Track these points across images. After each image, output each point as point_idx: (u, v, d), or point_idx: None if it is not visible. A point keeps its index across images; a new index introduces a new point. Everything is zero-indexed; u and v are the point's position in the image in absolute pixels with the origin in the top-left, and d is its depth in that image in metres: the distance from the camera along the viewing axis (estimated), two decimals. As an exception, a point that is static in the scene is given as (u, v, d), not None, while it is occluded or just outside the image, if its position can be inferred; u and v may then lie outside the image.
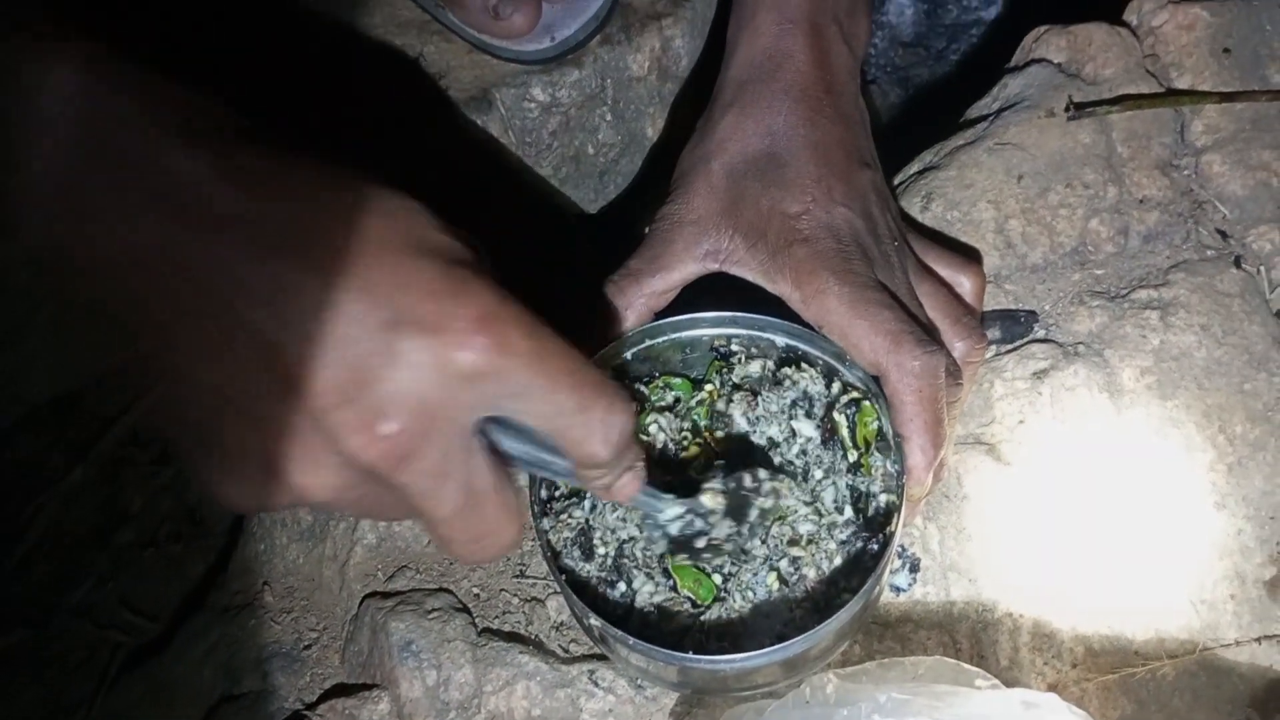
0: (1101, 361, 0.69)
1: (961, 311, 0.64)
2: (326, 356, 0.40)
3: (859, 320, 0.59)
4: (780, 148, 0.64)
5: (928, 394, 0.58)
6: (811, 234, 0.61)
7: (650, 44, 0.87)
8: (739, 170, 0.64)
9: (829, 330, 0.60)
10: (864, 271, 0.60)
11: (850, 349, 0.60)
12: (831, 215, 0.62)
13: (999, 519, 0.66)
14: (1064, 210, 0.74)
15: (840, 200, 0.62)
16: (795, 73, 0.65)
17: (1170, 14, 0.79)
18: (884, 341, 0.58)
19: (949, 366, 0.60)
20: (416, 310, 0.41)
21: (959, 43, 1.10)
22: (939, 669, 0.58)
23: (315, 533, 0.72)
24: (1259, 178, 0.74)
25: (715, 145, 0.65)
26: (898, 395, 0.58)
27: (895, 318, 0.59)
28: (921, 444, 0.58)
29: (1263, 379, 0.68)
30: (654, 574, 0.59)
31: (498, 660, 0.64)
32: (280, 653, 0.69)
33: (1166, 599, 0.65)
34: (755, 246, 0.62)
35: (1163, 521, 0.66)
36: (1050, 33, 0.80)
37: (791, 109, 0.64)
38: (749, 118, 0.65)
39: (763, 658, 0.54)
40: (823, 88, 0.65)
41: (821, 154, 0.63)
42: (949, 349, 0.62)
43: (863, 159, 0.66)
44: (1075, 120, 0.75)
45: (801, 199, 0.62)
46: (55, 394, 0.98)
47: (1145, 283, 0.72)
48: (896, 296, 0.60)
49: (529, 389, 0.43)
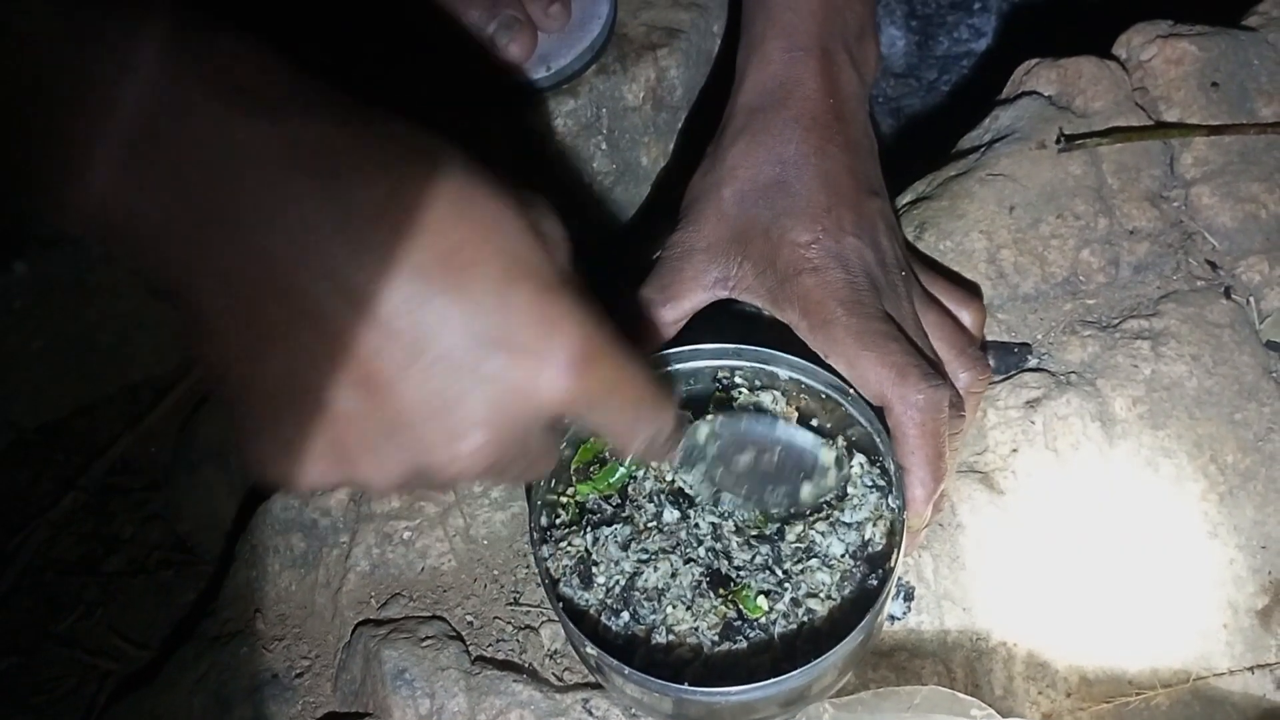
0: (1093, 391, 0.69)
1: (966, 343, 0.65)
2: (417, 368, 0.40)
3: (865, 352, 0.59)
4: (790, 176, 0.64)
5: (931, 428, 0.58)
6: (820, 263, 0.61)
7: (645, 74, 0.88)
8: (749, 198, 0.64)
9: (834, 360, 0.60)
10: (871, 302, 0.60)
11: (855, 380, 0.60)
12: (841, 245, 0.62)
13: (993, 548, 0.66)
14: (1055, 241, 0.74)
15: (850, 230, 0.63)
16: (805, 100, 0.66)
17: (1159, 48, 0.80)
18: (889, 374, 0.58)
19: (953, 399, 0.60)
20: (515, 335, 0.41)
21: (950, 74, 1.11)
22: (934, 699, 0.58)
23: (308, 560, 0.72)
24: (1247, 210, 0.75)
25: (726, 172, 0.65)
26: (901, 428, 0.58)
27: (901, 350, 0.59)
28: (922, 477, 0.58)
29: (1253, 409, 0.69)
30: (657, 605, 0.59)
31: (491, 689, 0.64)
32: (272, 681, 0.69)
33: (1160, 628, 0.65)
34: (764, 274, 0.62)
35: (1155, 551, 0.66)
36: (1041, 66, 0.81)
37: (802, 137, 0.65)
38: (759, 145, 0.65)
39: (761, 691, 0.54)
40: (833, 115, 0.66)
41: (831, 182, 0.64)
42: (953, 379, 0.62)
43: (871, 187, 0.66)
44: (1066, 152, 0.76)
45: (811, 228, 0.62)
46: (45, 421, 0.98)
47: (1136, 313, 0.72)
48: (902, 328, 0.61)
49: (600, 408, 0.45)
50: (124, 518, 0.94)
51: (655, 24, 0.91)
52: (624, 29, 0.90)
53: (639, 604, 0.59)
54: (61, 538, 0.93)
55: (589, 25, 0.86)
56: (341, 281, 0.39)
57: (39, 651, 0.87)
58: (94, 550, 0.93)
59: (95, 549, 0.93)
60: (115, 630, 0.88)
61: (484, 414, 0.42)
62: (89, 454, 0.97)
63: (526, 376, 0.42)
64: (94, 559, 0.92)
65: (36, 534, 0.93)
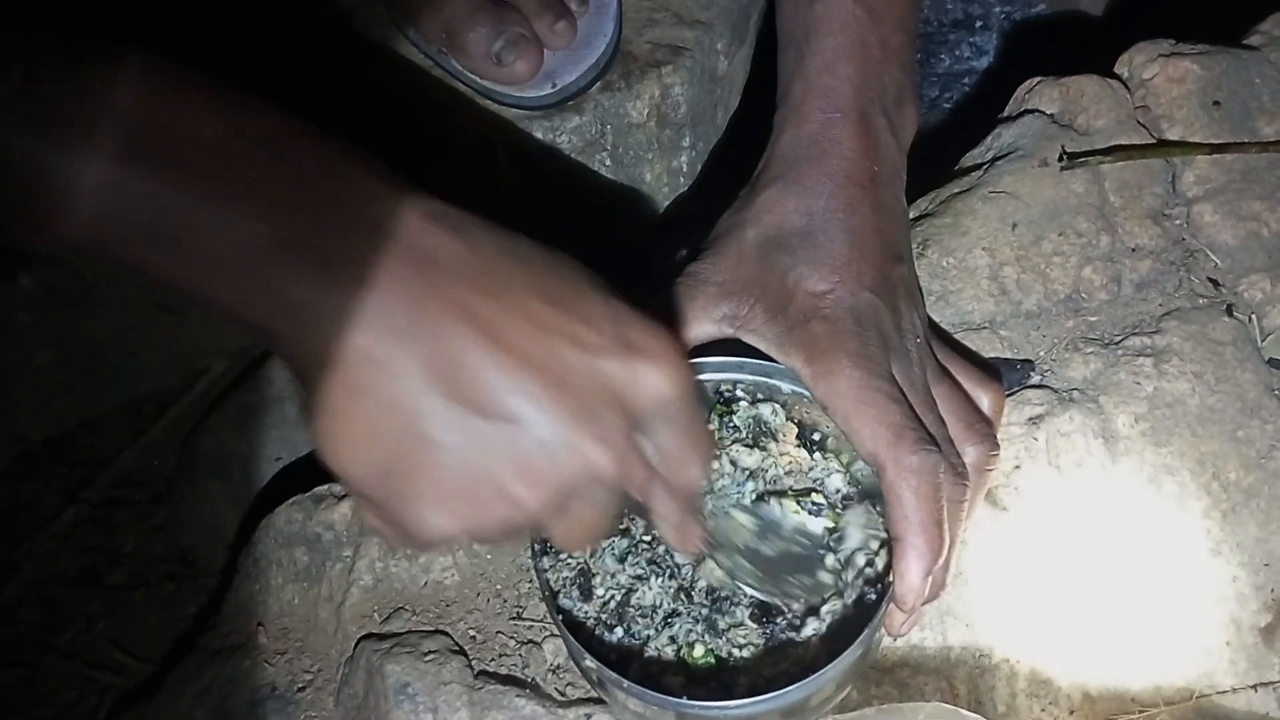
0: (1096, 408, 0.69)
1: (976, 418, 0.63)
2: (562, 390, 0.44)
3: (864, 407, 0.58)
4: (817, 228, 0.63)
5: (926, 492, 0.56)
6: (833, 313, 0.60)
7: (650, 91, 0.88)
8: (772, 242, 0.64)
9: (833, 412, 0.59)
10: (879, 360, 0.59)
11: (851, 435, 0.59)
12: (857, 299, 0.61)
13: (995, 564, 0.66)
14: (1058, 258, 0.75)
15: (869, 286, 0.62)
16: (842, 159, 0.65)
17: (1161, 67, 0.80)
18: (885, 433, 0.57)
19: (954, 466, 0.59)
20: (629, 335, 0.46)
21: (951, 92, 1.12)
22: (937, 715, 0.58)
23: (311, 573, 0.72)
24: (1249, 228, 0.75)
25: (753, 214, 0.65)
26: (894, 491, 0.57)
27: (901, 412, 0.58)
28: (917, 545, 0.56)
29: (1255, 426, 0.69)
30: (654, 619, 0.59)
31: (494, 703, 0.64)
32: (273, 695, 0.69)
33: (1163, 645, 0.65)
34: (775, 319, 0.62)
35: (1158, 568, 0.66)
36: (1043, 84, 0.82)
37: (834, 193, 0.64)
38: (791, 195, 0.65)
39: (761, 704, 0.54)
40: (868, 177, 0.65)
41: (857, 240, 0.63)
42: (961, 453, 0.61)
43: (898, 253, 0.65)
44: (1068, 170, 0.76)
45: (829, 278, 0.61)
46: (49, 434, 0.98)
47: (1138, 330, 0.72)
48: (905, 392, 0.59)
49: (666, 418, 0.47)
50: (127, 530, 0.95)
51: (660, 42, 0.91)
52: (629, 46, 0.90)
53: (633, 619, 0.59)
54: (64, 550, 0.93)
55: (594, 43, 0.86)
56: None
57: (41, 664, 0.87)
58: (97, 563, 0.93)
59: (98, 562, 0.93)
60: (117, 643, 0.88)
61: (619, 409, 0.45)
62: (93, 467, 0.97)
63: (644, 366, 0.45)
64: (97, 572, 0.92)
65: (40, 546, 0.93)
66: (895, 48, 0.68)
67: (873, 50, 0.67)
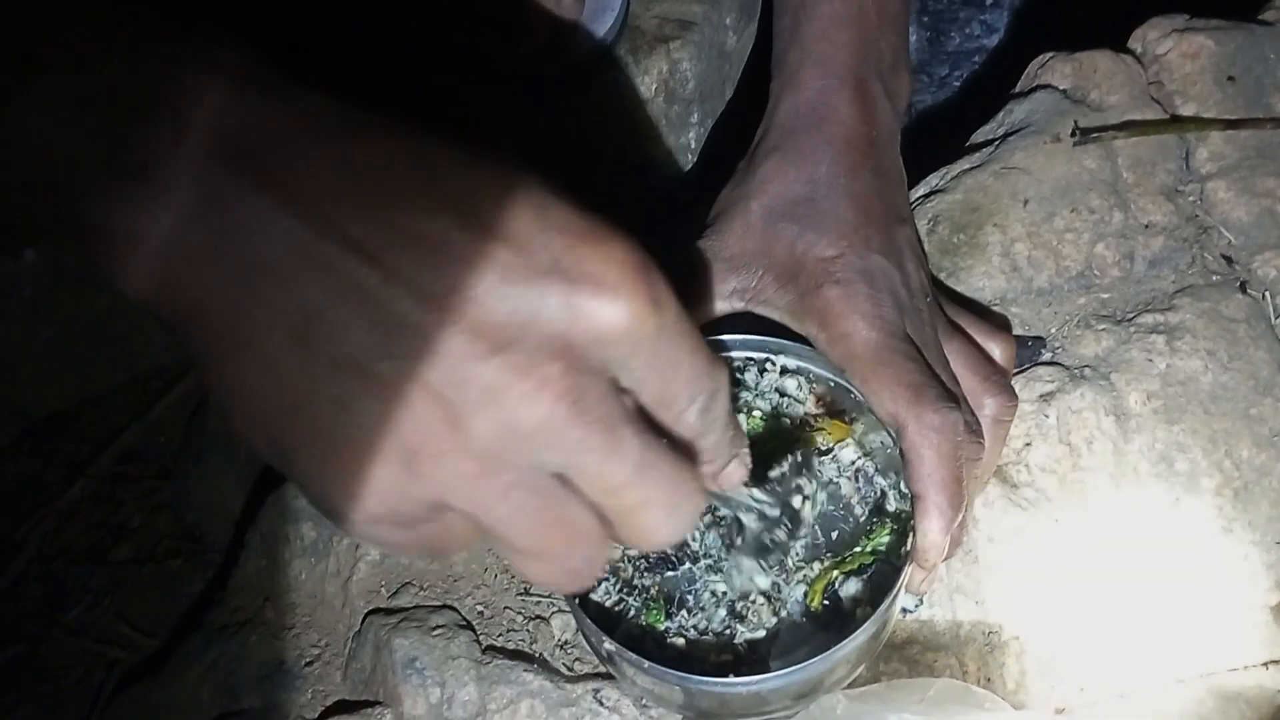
0: (1108, 385, 0.69)
1: (991, 370, 0.63)
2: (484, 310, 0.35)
3: (882, 368, 0.58)
4: (820, 195, 0.63)
5: (947, 450, 0.57)
6: (844, 277, 0.60)
7: (658, 66, 0.88)
8: (776, 213, 0.63)
9: (851, 374, 0.60)
10: (894, 320, 0.59)
11: (870, 396, 0.59)
12: (867, 262, 0.61)
13: (1005, 541, 0.66)
14: (1070, 235, 0.74)
15: (877, 249, 0.62)
16: (839, 125, 0.65)
17: (1175, 42, 0.79)
18: (905, 392, 0.57)
19: (970, 424, 0.59)
20: (566, 257, 0.36)
21: (962, 69, 1.11)
22: (947, 691, 0.58)
23: (318, 549, 0.72)
24: (1263, 205, 0.74)
25: (755, 187, 0.65)
26: (915, 450, 0.57)
27: (919, 370, 0.58)
28: (939, 503, 0.56)
29: (1268, 404, 0.68)
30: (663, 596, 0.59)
31: (502, 678, 0.64)
32: (281, 670, 0.69)
33: (1173, 623, 0.64)
34: (785, 288, 0.62)
35: (1169, 546, 0.66)
36: (1055, 59, 0.81)
37: (834, 159, 0.64)
38: (791, 164, 0.64)
39: (774, 681, 0.54)
40: (866, 142, 0.65)
41: (861, 204, 0.63)
42: (978, 407, 0.61)
43: (900, 215, 0.65)
44: (1080, 146, 0.76)
45: (838, 244, 0.61)
46: (54, 410, 0.98)
47: (1151, 307, 0.72)
48: (921, 351, 0.60)
49: (660, 359, 0.38)
50: (132, 506, 0.95)
51: (668, 16, 0.91)
52: (636, 21, 0.90)
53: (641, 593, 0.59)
54: (70, 526, 0.93)
55: (602, 17, 0.86)
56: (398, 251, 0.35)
57: (47, 640, 0.87)
58: (102, 539, 0.93)
59: (103, 538, 0.93)
60: (123, 619, 0.88)
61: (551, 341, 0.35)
62: (98, 443, 0.97)
63: (581, 295, 0.36)
64: (102, 548, 0.92)
65: (45, 522, 0.93)
66: (891, 14, 0.68)
67: (869, 16, 0.67)
